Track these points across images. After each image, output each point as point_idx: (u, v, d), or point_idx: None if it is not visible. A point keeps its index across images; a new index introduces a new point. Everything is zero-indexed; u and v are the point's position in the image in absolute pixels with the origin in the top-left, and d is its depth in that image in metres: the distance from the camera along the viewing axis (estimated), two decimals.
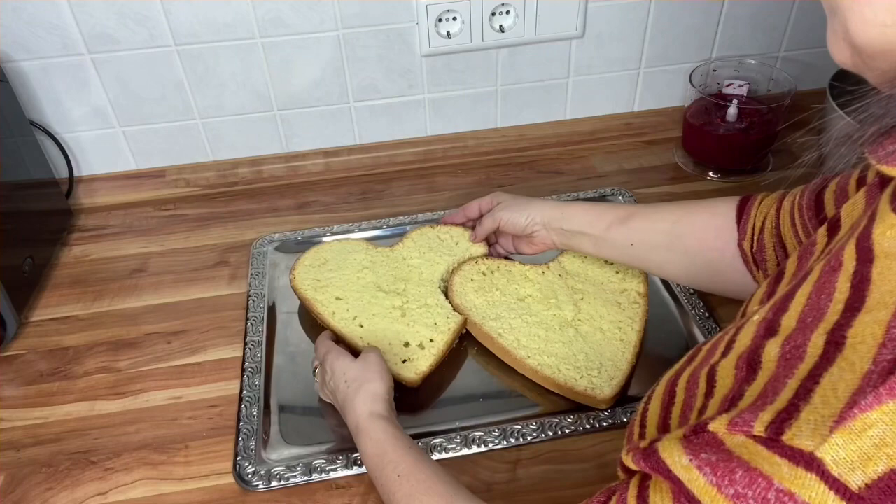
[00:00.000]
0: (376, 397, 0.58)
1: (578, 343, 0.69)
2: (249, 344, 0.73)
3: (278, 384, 0.70)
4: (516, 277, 0.77)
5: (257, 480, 0.61)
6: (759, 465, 0.26)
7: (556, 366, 0.67)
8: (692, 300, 0.75)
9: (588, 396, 0.64)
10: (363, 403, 0.57)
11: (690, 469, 0.28)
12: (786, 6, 0.96)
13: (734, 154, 0.93)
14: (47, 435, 0.67)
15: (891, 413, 0.23)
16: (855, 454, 0.23)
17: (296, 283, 0.76)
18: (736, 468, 0.26)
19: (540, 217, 0.72)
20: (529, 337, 0.70)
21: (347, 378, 0.60)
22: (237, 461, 0.63)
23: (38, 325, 0.78)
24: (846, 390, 0.25)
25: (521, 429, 0.64)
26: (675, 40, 0.98)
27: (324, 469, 0.62)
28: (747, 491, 0.26)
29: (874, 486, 0.23)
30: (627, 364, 0.67)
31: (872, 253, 0.29)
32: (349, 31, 0.90)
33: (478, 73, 0.96)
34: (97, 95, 0.90)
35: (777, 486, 0.25)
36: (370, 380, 0.59)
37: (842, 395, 0.25)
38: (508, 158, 1.01)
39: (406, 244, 0.81)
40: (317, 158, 1.00)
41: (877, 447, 0.23)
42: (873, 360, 0.25)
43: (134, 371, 0.73)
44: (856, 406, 0.24)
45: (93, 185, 0.97)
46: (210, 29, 0.87)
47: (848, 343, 0.26)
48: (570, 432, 0.63)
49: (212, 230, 0.91)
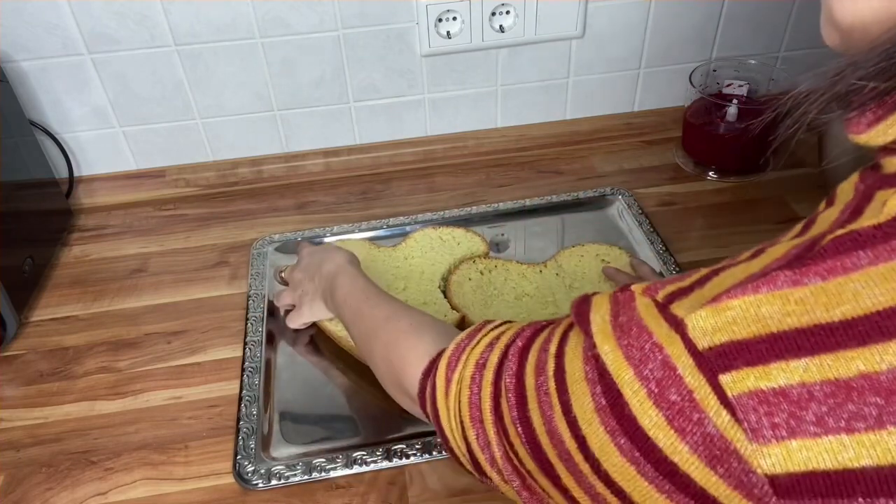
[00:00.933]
0: (345, 257, 0.69)
1: None
2: (249, 344, 0.73)
3: (278, 384, 0.70)
4: (513, 276, 0.77)
5: (257, 479, 0.61)
6: (648, 322, 0.32)
7: None
8: None
9: None
10: (341, 256, 0.69)
11: (605, 324, 0.35)
12: (786, 6, 0.96)
13: (734, 154, 0.93)
14: (47, 435, 0.67)
15: (747, 303, 0.29)
16: (710, 325, 0.30)
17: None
18: (633, 326, 0.33)
19: None
20: None
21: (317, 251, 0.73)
22: (237, 460, 0.63)
23: (38, 325, 0.78)
24: (729, 282, 0.31)
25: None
26: (675, 40, 0.98)
27: (324, 468, 0.62)
28: (633, 342, 0.32)
29: (714, 350, 0.29)
30: None
31: (835, 199, 0.33)
32: (349, 31, 0.90)
33: (478, 73, 0.96)
34: (97, 95, 0.90)
35: (654, 340, 0.31)
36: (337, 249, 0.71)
37: (725, 285, 0.31)
38: (508, 158, 1.01)
39: (408, 243, 0.82)
40: (317, 158, 1.00)
41: (727, 324, 0.29)
42: (764, 267, 0.30)
43: (134, 371, 0.73)
44: (726, 294, 0.30)
45: (93, 185, 0.97)
46: (210, 29, 0.87)
47: (759, 256, 0.32)
48: None
49: (212, 230, 0.91)
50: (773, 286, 0.29)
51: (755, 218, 0.87)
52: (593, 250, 0.80)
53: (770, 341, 0.28)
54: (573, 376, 0.35)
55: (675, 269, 0.79)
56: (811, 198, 0.90)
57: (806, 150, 0.98)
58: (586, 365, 0.35)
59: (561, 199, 0.91)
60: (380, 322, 0.57)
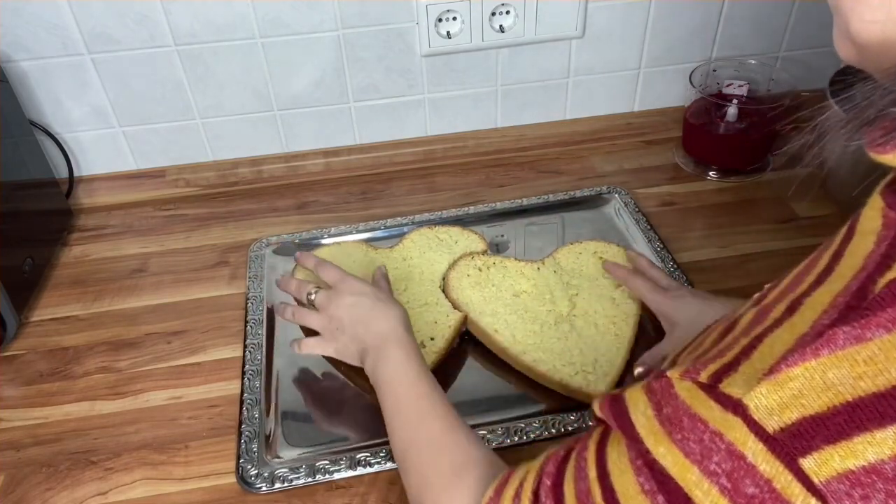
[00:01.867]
0: (400, 319, 0.62)
1: (573, 339, 0.69)
2: (249, 347, 0.73)
3: (279, 386, 0.70)
4: (512, 273, 0.77)
5: (260, 483, 0.61)
6: (698, 409, 0.29)
7: (552, 362, 0.67)
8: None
9: (583, 393, 0.65)
10: (396, 316, 0.62)
11: (651, 421, 0.31)
12: (786, 6, 0.96)
13: (734, 154, 0.93)
14: (47, 435, 0.67)
15: (810, 370, 0.26)
16: (774, 402, 0.26)
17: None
18: (683, 416, 0.29)
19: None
20: (525, 333, 0.70)
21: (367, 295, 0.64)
22: (240, 463, 0.63)
23: (38, 325, 0.78)
24: (781, 349, 0.27)
25: (524, 427, 0.64)
26: (675, 40, 0.98)
27: (327, 470, 0.61)
28: (689, 435, 0.29)
29: (787, 430, 0.26)
30: (622, 360, 0.67)
31: (854, 231, 0.30)
32: (349, 31, 0.90)
33: (478, 73, 0.96)
34: (97, 95, 0.90)
35: (711, 428, 0.28)
36: (392, 304, 0.63)
37: (776, 352, 0.28)
38: (508, 158, 1.01)
39: (405, 245, 0.82)
40: (317, 158, 1.00)
41: (794, 398, 0.26)
42: (812, 324, 0.27)
43: (134, 371, 0.73)
44: (783, 362, 0.27)
45: (93, 185, 0.97)
46: (210, 29, 0.87)
47: (800, 310, 0.29)
48: (574, 430, 0.63)
49: (212, 230, 0.91)
50: (835, 346, 0.26)
51: (755, 218, 0.87)
52: (591, 247, 0.80)
53: (847, 412, 0.25)
54: (627, 494, 0.31)
55: (673, 269, 0.79)
56: (811, 198, 0.90)
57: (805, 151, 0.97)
58: (639, 476, 0.31)
59: (558, 198, 0.91)
60: (422, 440, 0.53)
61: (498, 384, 0.69)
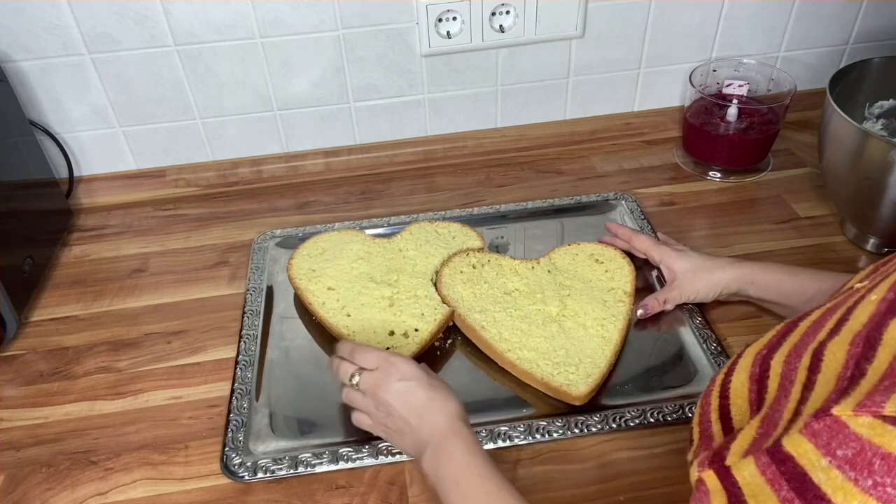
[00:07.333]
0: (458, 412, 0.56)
1: (560, 339, 0.69)
2: (244, 337, 0.74)
3: (270, 378, 0.71)
4: (505, 271, 0.77)
5: (243, 471, 0.61)
6: (892, 447, 0.24)
7: (535, 360, 0.67)
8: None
9: (563, 392, 0.65)
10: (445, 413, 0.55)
11: (830, 470, 0.26)
12: (786, 6, 0.96)
13: (734, 154, 0.93)
14: (47, 435, 0.67)
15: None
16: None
17: (291, 273, 0.78)
18: (873, 458, 0.25)
19: (735, 286, 0.70)
20: (512, 330, 0.70)
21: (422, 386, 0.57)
22: (224, 451, 0.63)
23: (38, 325, 0.78)
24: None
25: (507, 431, 0.63)
26: (675, 40, 0.98)
27: (309, 463, 0.62)
28: (885, 479, 0.24)
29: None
30: (606, 362, 0.67)
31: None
32: (349, 31, 0.90)
33: (478, 73, 0.96)
34: (97, 95, 0.90)
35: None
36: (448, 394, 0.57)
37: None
38: (508, 158, 1.01)
39: (403, 236, 0.82)
40: (317, 158, 1.00)
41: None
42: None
43: (134, 371, 0.73)
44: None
45: (93, 185, 0.97)
46: (210, 29, 0.87)
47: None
48: (559, 436, 0.63)
49: (212, 230, 0.91)
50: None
51: (755, 218, 0.87)
52: (588, 249, 0.80)
53: None
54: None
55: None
56: (811, 198, 0.90)
57: (806, 150, 0.98)
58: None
59: (563, 202, 0.91)
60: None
61: (487, 386, 0.69)
